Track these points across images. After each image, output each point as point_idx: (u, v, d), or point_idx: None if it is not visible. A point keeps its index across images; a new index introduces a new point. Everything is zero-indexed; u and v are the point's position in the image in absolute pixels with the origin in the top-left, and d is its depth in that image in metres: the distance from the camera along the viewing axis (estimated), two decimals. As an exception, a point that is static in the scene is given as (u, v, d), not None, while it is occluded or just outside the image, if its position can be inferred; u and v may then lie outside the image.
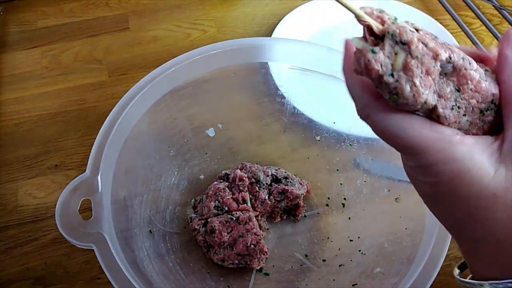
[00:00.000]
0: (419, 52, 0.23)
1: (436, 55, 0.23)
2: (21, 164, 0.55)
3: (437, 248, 0.37)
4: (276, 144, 0.56)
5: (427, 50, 0.23)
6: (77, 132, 0.58)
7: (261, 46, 0.49)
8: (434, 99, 0.24)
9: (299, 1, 0.74)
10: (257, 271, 0.47)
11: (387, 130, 0.24)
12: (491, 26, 0.72)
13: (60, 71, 0.65)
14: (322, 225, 0.51)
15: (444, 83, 0.24)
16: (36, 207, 0.51)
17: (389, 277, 0.41)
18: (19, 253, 0.48)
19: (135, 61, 0.66)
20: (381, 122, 0.25)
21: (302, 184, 0.51)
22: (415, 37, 0.23)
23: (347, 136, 0.53)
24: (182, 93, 0.48)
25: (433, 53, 0.23)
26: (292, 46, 0.49)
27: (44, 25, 0.70)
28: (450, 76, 0.24)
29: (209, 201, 0.48)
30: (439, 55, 0.23)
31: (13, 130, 0.58)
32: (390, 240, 0.44)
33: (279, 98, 0.55)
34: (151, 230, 0.46)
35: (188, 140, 0.53)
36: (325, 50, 0.48)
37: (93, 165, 0.39)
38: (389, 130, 0.24)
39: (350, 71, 0.25)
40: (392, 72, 0.23)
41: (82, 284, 0.46)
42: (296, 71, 0.52)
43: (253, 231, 0.46)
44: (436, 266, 0.36)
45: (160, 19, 0.72)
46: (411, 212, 0.44)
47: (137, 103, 0.44)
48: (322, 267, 0.47)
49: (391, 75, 0.23)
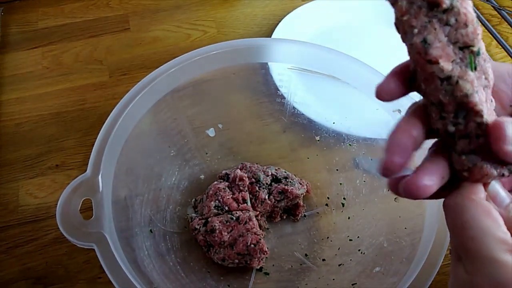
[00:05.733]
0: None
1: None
2: (22, 164, 0.55)
3: (436, 248, 0.37)
4: (276, 144, 0.56)
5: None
6: (78, 132, 0.58)
7: (261, 47, 0.49)
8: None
9: (299, 1, 0.74)
10: (257, 271, 0.47)
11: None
12: (490, 27, 0.72)
13: (61, 72, 0.65)
14: (322, 225, 0.51)
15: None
16: (37, 207, 0.52)
17: (388, 276, 0.41)
18: (20, 253, 0.48)
19: (136, 61, 0.66)
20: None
21: (302, 184, 0.51)
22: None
23: (346, 136, 0.53)
24: (183, 94, 0.49)
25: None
26: (292, 47, 0.49)
27: (45, 26, 0.70)
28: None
29: (210, 200, 0.48)
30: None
31: (14, 130, 0.58)
32: (389, 240, 0.44)
33: (279, 98, 0.55)
34: (152, 230, 0.46)
35: (188, 140, 0.53)
36: (325, 50, 0.48)
37: (94, 165, 0.40)
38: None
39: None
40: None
41: (83, 284, 0.47)
42: (296, 71, 0.52)
43: (253, 230, 0.46)
44: (435, 265, 0.36)
45: (160, 19, 0.72)
46: (410, 212, 0.44)
47: (137, 104, 0.44)
48: (321, 267, 0.47)
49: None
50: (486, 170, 0.24)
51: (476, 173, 0.24)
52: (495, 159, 0.24)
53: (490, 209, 0.24)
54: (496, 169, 0.24)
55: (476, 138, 0.24)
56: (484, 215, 0.24)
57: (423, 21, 0.23)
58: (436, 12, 0.23)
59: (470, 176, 0.25)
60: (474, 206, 0.24)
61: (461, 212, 0.24)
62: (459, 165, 0.25)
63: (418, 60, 0.23)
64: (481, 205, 0.24)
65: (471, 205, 0.24)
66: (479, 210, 0.24)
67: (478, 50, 0.23)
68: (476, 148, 0.24)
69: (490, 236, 0.23)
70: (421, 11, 0.23)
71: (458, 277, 0.25)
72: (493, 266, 0.23)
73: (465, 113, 0.24)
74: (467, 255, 0.24)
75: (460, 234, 0.24)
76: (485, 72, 0.24)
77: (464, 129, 0.24)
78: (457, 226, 0.24)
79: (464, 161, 0.24)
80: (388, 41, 0.51)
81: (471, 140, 0.24)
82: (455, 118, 0.24)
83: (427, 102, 0.25)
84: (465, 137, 0.24)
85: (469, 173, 0.25)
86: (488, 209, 0.24)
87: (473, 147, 0.24)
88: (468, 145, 0.24)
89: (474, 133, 0.24)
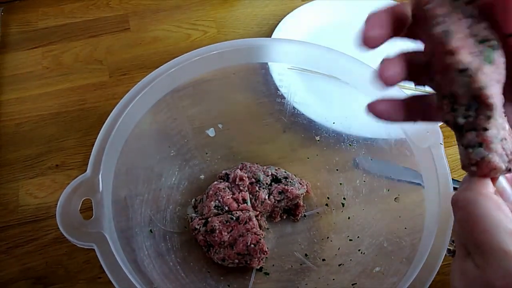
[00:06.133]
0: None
1: None
2: (22, 164, 0.55)
3: (436, 248, 0.37)
4: (276, 144, 0.56)
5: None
6: (78, 132, 0.58)
7: (261, 47, 0.49)
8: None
9: (299, 1, 0.74)
10: (257, 271, 0.47)
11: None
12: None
13: (61, 72, 0.65)
14: (322, 225, 0.51)
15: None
16: (37, 207, 0.52)
17: (388, 276, 0.41)
18: (20, 253, 0.48)
19: (136, 61, 0.66)
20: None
21: (302, 184, 0.51)
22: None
23: (346, 136, 0.53)
24: (183, 94, 0.49)
25: None
26: (292, 47, 0.49)
27: (45, 26, 0.70)
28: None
29: (210, 200, 0.48)
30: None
31: (14, 130, 0.58)
32: (389, 240, 0.44)
33: (279, 98, 0.55)
34: (152, 230, 0.46)
35: (188, 140, 0.53)
36: (325, 50, 0.48)
37: (94, 165, 0.39)
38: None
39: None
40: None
41: (83, 284, 0.47)
42: (296, 71, 0.52)
43: (253, 230, 0.46)
44: (435, 265, 0.36)
45: (160, 19, 0.72)
46: (410, 211, 0.44)
47: (137, 104, 0.44)
48: (321, 267, 0.47)
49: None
50: (494, 163, 0.24)
51: (484, 167, 0.25)
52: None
53: (501, 203, 0.24)
54: (504, 163, 0.24)
55: (483, 131, 0.24)
56: (496, 209, 0.24)
57: (447, 11, 0.23)
58: (459, 3, 0.23)
59: (478, 170, 0.25)
60: (486, 201, 0.24)
61: (473, 206, 0.24)
62: (466, 159, 0.25)
63: (437, 50, 0.23)
64: (493, 199, 0.25)
65: (483, 200, 0.24)
66: (491, 204, 0.24)
67: (496, 44, 0.23)
68: (482, 141, 0.24)
69: (502, 229, 0.23)
70: (445, 1, 0.23)
71: (468, 273, 0.25)
72: (506, 259, 0.22)
73: (477, 106, 0.24)
74: (478, 249, 0.24)
75: (472, 229, 0.24)
76: (499, 67, 0.24)
77: (473, 122, 0.24)
78: (469, 221, 0.24)
79: (471, 154, 0.25)
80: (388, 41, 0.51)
81: (478, 133, 0.24)
82: (467, 111, 0.24)
83: (439, 94, 0.25)
84: (473, 130, 0.24)
85: (477, 167, 0.25)
86: (499, 203, 0.24)
87: (480, 140, 0.24)
88: (475, 137, 0.24)
89: (481, 126, 0.24)
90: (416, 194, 0.44)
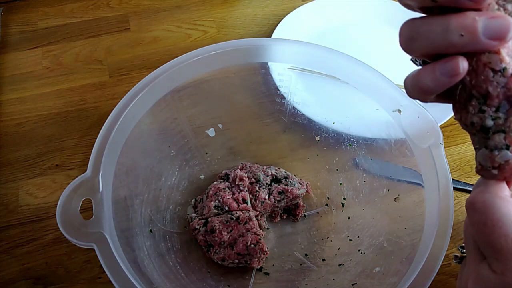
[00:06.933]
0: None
1: None
2: (22, 164, 0.55)
3: (436, 248, 0.37)
4: (276, 144, 0.56)
5: None
6: (78, 132, 0.58)
7: (261, 47, 0.49)
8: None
9: (299, 1, 0.74)
10: (257, 271, 0.47)
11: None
12: None
13: (61, 72, 0.65)
14: (322, 225, 0.51)
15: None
16: (37, 207, 0.52)
17: (388, 276, 0.41)
18: (20, 253, 0.48)
19: (136, 61, 0.66)
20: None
21: (302, 184, 0.51)
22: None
23: (346, 136, 0.53)
24: (183, 94, 0.49)
25: None
26: (292, 47, 0.49)
27: (45, 26, 0.70)
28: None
29: (210, 200, 0.48)
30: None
31: (14, 130, 0.58)
32: (389, 240, 0.44)
33: (279, 98, 0.55)
34: (152, 230, 0.46)
35: (188, 140, 0.53)
36: (325, 50, 0.48)
37: (94, 165, 0.39)
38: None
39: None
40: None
41: (83, 284, 0.47)
42: (296, 71, 0.52)
43: (253, 230, 0.46)
44: (435, 265, 0.36)
45: (160, 19, 0.72)
46: (410, 211, 0.44)
47: (137, 104, 0.44)
48: (321, 267, 0.47)
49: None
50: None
51: (507, 170, 0.24)
52: None
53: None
54: None
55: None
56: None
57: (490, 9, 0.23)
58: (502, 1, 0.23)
59: (500, 173, 0.25)
60: (505, 204, 0.24)
61: (492, 210, 0.24)
62: (489, 161, 0.25)
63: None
64: (511, 202, 0.24)
65: (502, 203, 0.24)
66: (510, 208, 0.24)
67: None
68: (510, 143, 0.24)
69: None
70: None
71: (484, 277, 0.24)
72: None
73: (508, 107, 0.24)
74: (497, 254, 0.23)
75: (490, 233, 0.24)
76: None
77: (502, 124, 0.24)
78: (487, 225, 0.24)
79: (496, 157, 0.24)
80: (388, 41, 0.51)
81: (506, 135, 0.24)
82: (496, 112, 0.24)
83: (464, 95, 0.25)
84: (501, 132, 0.24)
85: (499, 170, 0.24)
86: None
87: (508, 142, 0.24)
88: (503, 140, 0.24)
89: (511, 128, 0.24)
90: (416, 194, 0.44)
